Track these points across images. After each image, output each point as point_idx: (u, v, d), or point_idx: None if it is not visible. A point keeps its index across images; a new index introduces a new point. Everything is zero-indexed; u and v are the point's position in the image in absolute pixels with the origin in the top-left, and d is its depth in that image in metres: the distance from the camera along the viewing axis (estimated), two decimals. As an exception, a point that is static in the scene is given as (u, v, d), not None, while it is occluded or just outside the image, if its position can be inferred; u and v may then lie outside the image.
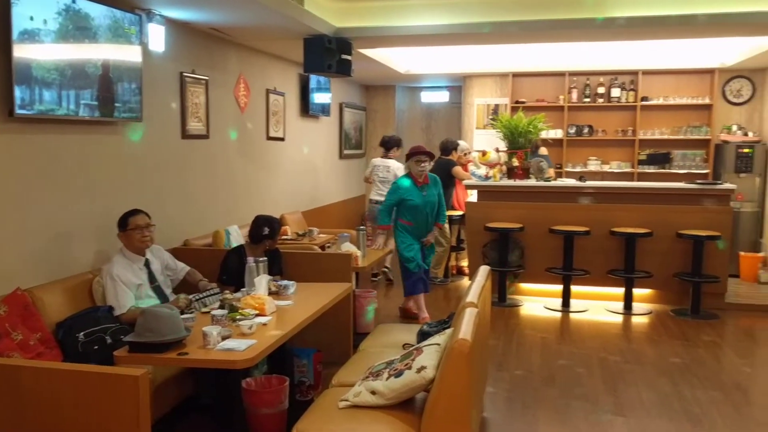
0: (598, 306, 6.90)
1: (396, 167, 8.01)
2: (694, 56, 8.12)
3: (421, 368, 2.81)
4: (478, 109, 9.40)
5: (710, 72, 8.44)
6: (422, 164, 5.89)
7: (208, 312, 3.63)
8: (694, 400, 4.39)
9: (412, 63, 8.91)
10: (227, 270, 4.67)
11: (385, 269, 8.03)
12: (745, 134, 8.29)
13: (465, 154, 8.03)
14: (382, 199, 8.23)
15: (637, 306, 6.84)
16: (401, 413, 2.82)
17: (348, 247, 5.24)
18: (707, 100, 8.48)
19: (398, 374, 2.85)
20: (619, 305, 6.84)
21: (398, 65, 8.65)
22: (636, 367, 5.05)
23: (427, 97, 10.85)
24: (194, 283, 4.45)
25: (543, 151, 8.05)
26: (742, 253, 7.98)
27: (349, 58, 5.98)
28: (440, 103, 10.79)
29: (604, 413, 4.17)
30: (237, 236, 5.65)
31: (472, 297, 3.27)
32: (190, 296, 3.94)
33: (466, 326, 2.77)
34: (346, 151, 9.57)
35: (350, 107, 9.71)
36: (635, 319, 6.53)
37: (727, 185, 6.96)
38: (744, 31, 6.07)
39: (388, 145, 7.85)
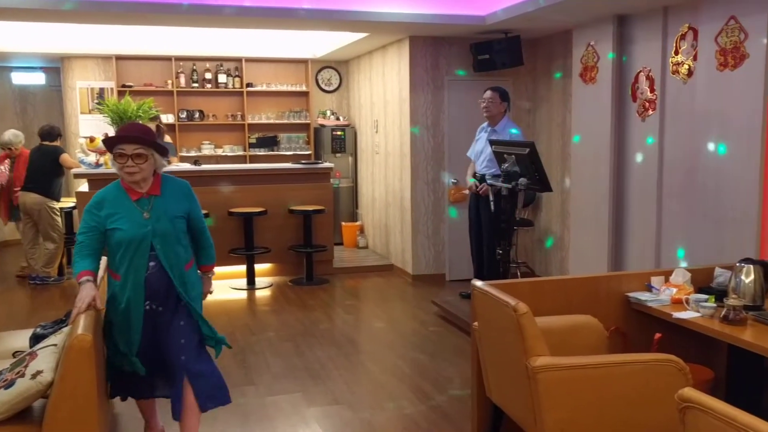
0: (222, 285, 7.13)
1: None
2: (291, 47, 8.82)
3: (37, 373, 2.59)
4: (81, 93, 8.75)
5: (304, 62, 9.28)
6: (128, 162, 3.00)
7: None
8: (314, 358, 4.88)
9: (-5, 39, 7.84)
10: None
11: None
12: (338, 119, 9.36)
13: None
14: None
15: (259, 280, 7.26)
16: (16, 426, 2.56)
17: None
18: (304, 88, 9.30)
19: (9, 385, 2.57)
20: (243, 282, 7.18)
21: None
22: (262, 338, 5.38)
23: (19, 79, 9.66)
24: None
25: (168, 139, 7.90)
26: (343, 223, 9.05)
27: None
28: (37, 85, 9.72)
29: (235, 385, 4.36)
30: None
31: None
32: None
33: (85, 321, 2.64)
34: None
35: None
36: (259, 293, 6.94)
37: (326, 164, 7.82)
38: (328, 26, 6.81)
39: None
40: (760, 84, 4.37)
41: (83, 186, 7.14)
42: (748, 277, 3.28)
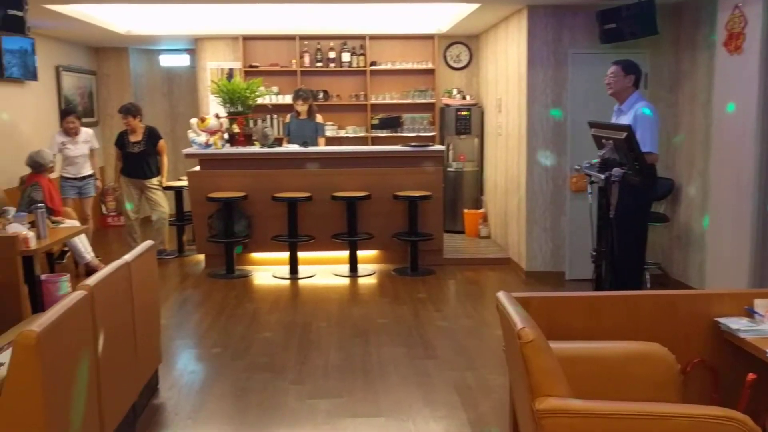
0: (326, 270, 6.96)
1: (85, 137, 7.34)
2: (416, 22, 8.39)
3: (2, 365, 2.48)
4: (212, 74, 8.97)
5: (431, 38, 8.78)
6: None
7: None
8: (377, 358, 4.50)
9: (134, 23, 8.23)
10: None
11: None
12: (464, 98, 8.78)
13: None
14: (68, 175, 7.19)
15: (362, 267, 6.98)
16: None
17: (16, 229, 4.66)
18: (430, 65, 8.83)
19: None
20: (346, 268, 6.95)
21: (116, 25, 7.94)
22: (336, 331, 5.09)
23: (167, 61, 10.18)
24: None
25: (319, 119, 7.81)
26: (466, 211, 8.51)
27: (19, 13, 5.27)
28: (182, 67, 10.17)
29: (281, 382, 4.12)
30: None
31: (92, 280, 2.98)
32: None
33: (50, 315, 2.47)
34: (69, 121, 8.66)
35: (72, 71, 8.80)
36: (361, 281, 6.67)
37: (437, 147, 7.31)
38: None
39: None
40: None
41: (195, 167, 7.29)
42: None
